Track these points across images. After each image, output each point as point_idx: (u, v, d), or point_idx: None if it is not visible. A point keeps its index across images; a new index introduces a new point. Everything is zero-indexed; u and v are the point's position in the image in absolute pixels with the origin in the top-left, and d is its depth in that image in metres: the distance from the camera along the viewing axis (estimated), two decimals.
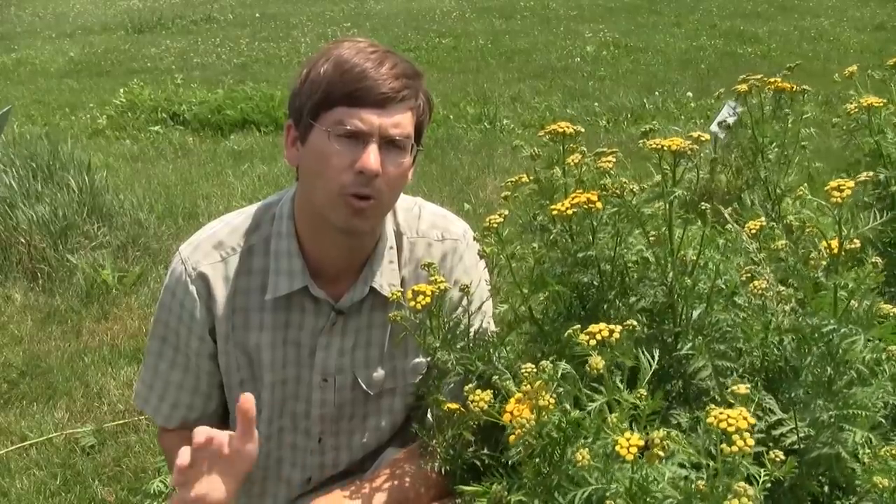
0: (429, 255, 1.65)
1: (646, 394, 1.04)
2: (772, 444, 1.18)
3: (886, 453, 1.09)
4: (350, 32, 11.62)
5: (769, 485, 0.97)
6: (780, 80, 1.80)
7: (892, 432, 1.21)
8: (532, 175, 1.43)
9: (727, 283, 1.25)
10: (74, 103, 8.81)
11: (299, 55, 10.56)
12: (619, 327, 1.06)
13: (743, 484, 0.91)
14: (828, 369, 1.16)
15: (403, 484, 1.56)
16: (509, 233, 1.36)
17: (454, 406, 1.37)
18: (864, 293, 1.15)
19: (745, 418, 0.93)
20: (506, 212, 1.37)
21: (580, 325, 1.10)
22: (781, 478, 1.01)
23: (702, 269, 1.25)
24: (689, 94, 7.90)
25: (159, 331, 1.66)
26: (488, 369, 1.36)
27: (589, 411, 1.04)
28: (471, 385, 1.19)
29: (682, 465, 1.00)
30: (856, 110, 1.56)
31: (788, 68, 1.91)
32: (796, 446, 1.19)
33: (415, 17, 13.43)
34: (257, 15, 14.35)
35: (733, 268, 1.25)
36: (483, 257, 1.38)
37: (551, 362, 1.09)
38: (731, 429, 0.92)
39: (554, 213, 1.26)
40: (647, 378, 1.06)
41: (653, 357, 1.08)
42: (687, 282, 1.23)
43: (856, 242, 1.18)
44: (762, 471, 0.97)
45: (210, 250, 1.61)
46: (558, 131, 1.39)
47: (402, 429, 1.74)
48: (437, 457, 1.44)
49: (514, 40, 11.25)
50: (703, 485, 0.94)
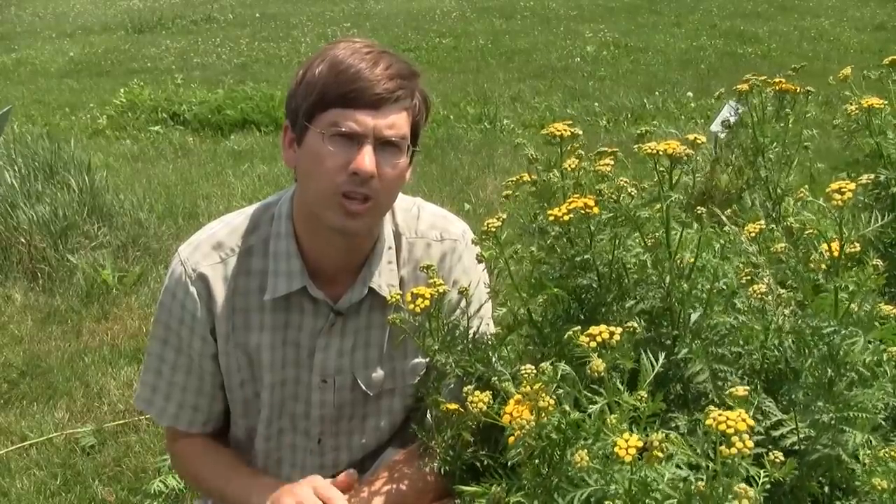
0: (427, 256, 1.65)
1: (646, 396, 1.04)
2: (771, 445, 1.18)
3: (886, 455, 1.09)
4: (350, 32, 11.62)
5: (769, 486, 0.97)
6: (783, 81, 1.80)
7: (892, 434, 1.21)
8: (532, 176, 1.43)
9: (726, 285, 1.25)
10: (74, 103, 8.81)
11: (299, 55, 10.56)
12: (620, 329, 1.06)
13: (743, 486, 0.91)
14: (828, 371, 1.16)
15: (402, 487, 1.56)
16: (508, 235, 1.36)
17: (453, 406, 1.37)
18: (865, 295, 1.15)
19: (743, 420, 0.93)
20: (504, 215, 1.36)
21: (579, 327, 1.09)
22: (782, 479, 1.01)
23: (699, 272, 1.25)
24: (690, 94, 7.90)
25: (160, 333, 1.66)
26: (487, 371, 1.36)
27: (589, 413, 1.04)
28: (470, 386, 1.18)
29: (681, 466, 1.00)
30: (856, 111, 1.55)
31: (793, 69, 1.91)
32: (796, 448, 1.19)
33: (415, 17, 13.43)
34: (257, 15, 14.35)
35: (732, 270, 1.25)
36: (481, 261, 1.38)
37: (551, 364, 1.08)
38: (731, 430, 0.92)
39: (551, 219, 1.26)
40: (648, 380, 1.06)
41: (655, 359, 1.08)
42: (684, 285, 1.23)
43: (856, 246, 1.17)
44: (762, 472, 0.97)
45: (209, 251, 1.61)
46: (556, 133, 1.38)
47: (401, 429, 1.74)
48: (437, 457, 1.44)
49: (515, 40, 11.25)
50: (703, 486, 0.94)
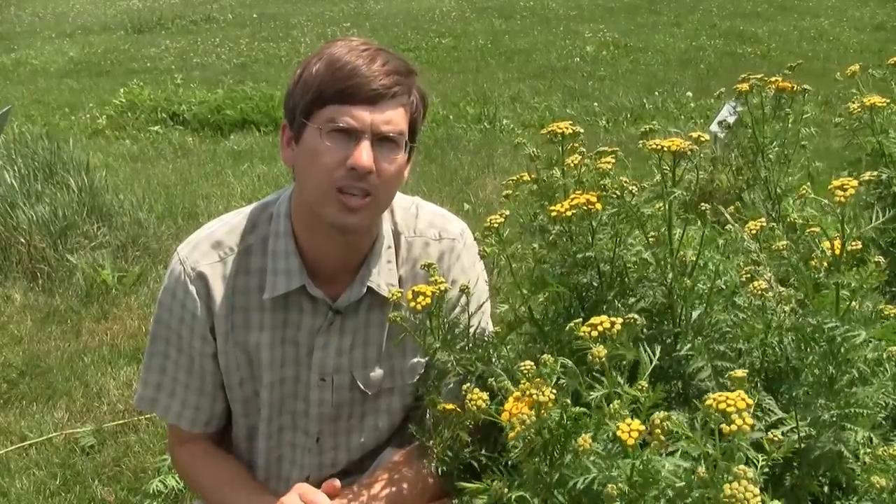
0: (426, 255, 1.65)
1: (646, 386, 1.04)
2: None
3: (885, 453, 1.09)
4: (350, 32, 11.63)
5: (770, 487, 0.97)
6: (781, 80, 1.80)
7: (892, 433, 1.20)
8: (532, 175, 1.43)
9: (727, 283, 1.25)
10: (74, 103, 8.81)
11: (299, 55, 10.55)
12: (620, 319, 1.06)
13: (742, 466, 0.91)
14: (829, 368, 1.16)
15: (401, 489, 1.56)
16: (510, 233, 1.36)
17: (450, 407, 1.37)
18: (866, 293, 1.15)
19: (743, 399, 0.93)
20: (506, 212, 1.36)
21: (580, 320, 1.09)
22: (783, 478, 1.00)
23: (701, 270, 1.25)
24: (689, 94, 7.91)
25: (161, 332, 1.65)
26: (488, 370, 1.36)
27: (589, 403, 1.04)
28: (468, 385, 1.18)
29: (683, 455, 1.00)
30: (858, 110, 1.55)
31: (789, 68, 1.91)
32: (797, 446, 1.18)
33: (414, 17, 13.44)
34: (256, 15, 14.35)
35: (733, 268, 1.25)
36: (484, 258, 1.38)
37: (552, 357, 1.08)
38: (731, 409, 0.92)
39: (553, 215, 1.26)
40: (648, 372, 1.06)
41: (654, 354, 1.08)
42: (686, 282, 1.23)
43: (857, 244, 1.17)
44: (760, 456, 0.97)
45: (208, 250, 1.61)
46: (557, 132, 1.38)
47: (400, 429, 1.73)
48: (435, 457, 1.44)
49: (514, 40, 11.26)
50: (704, 472, 0.94)
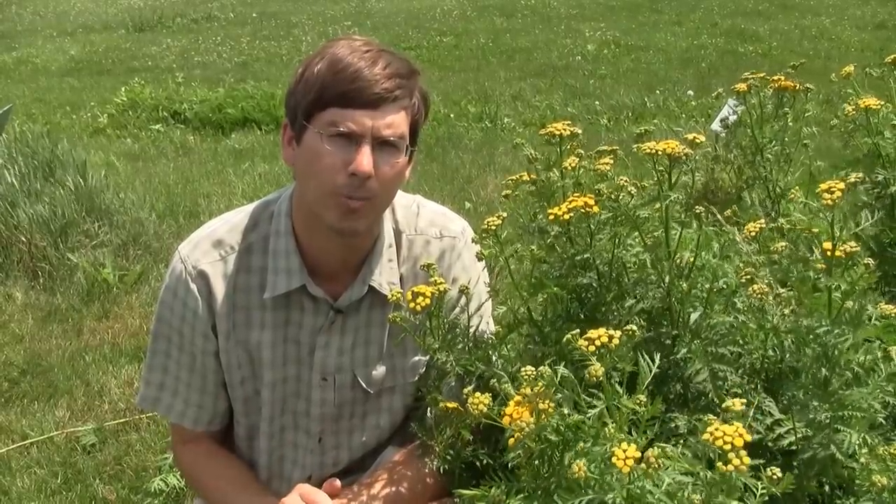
0: (427, 253, 1.65)
1: (645, 399, 1.03)
2: (770, 443, 1.18)
3: (885, 453, 1.09)
4: (351, 31, 11.61)
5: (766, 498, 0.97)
6: (783, 79, 1.80)
7: (892, 433, 1.21)
8: (532, 175, 1.43)
9: (725, 285, 1.25)
10: (75, 102, 8.80)
11: (300, 54, 10.54)
12: (619, 332, 1.05)
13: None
14: (822, 370, 1.16)
15: (401, 489, 1.56)
16: (508, 234, 1.36)
17: (452, 405, 1.37)
18: (860, 294, 1.15)
19: (740, 436, 0.92)
20: (504, 214, 1.36)
21: (579, 327, 1.09)
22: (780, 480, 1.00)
23: (699, 272, 1.25)
24: (690, 92, 7.90)
25: (163, 330, 1.66)
26: (488, 370, 1.36)
27: (588, 417, 1.04)
28: (470, 387, 1.19)
29: (678, 474, 0.99)
30: (853, 111, 1.55)
31: (792, 66, 1.90)
32: (794, 447, 1.19)
33: (416, 16, 13.42)
34: (257, 14, 14.33)
35: (731, 270, 1.25)
36: (481, 259, 1.38)
37: (550, 366, 1.08)
38: (727, 447, 0.91)
39: (551, 218, 1.26)
40: (647, 382, 1.05)
41: (652, 361, 1.08)
42: (683, 285, 1.23)
43: (851, 245, 1.17)
44: (759, 484, 0.96)
45: (209, 248, 1.61)
46: (555, 133, 1.38)
47: (401, 428, 1.74)
48: (436, 456, 1.44)
49: (515, 39, 11.24)
50: (699, 500, 0.93)
